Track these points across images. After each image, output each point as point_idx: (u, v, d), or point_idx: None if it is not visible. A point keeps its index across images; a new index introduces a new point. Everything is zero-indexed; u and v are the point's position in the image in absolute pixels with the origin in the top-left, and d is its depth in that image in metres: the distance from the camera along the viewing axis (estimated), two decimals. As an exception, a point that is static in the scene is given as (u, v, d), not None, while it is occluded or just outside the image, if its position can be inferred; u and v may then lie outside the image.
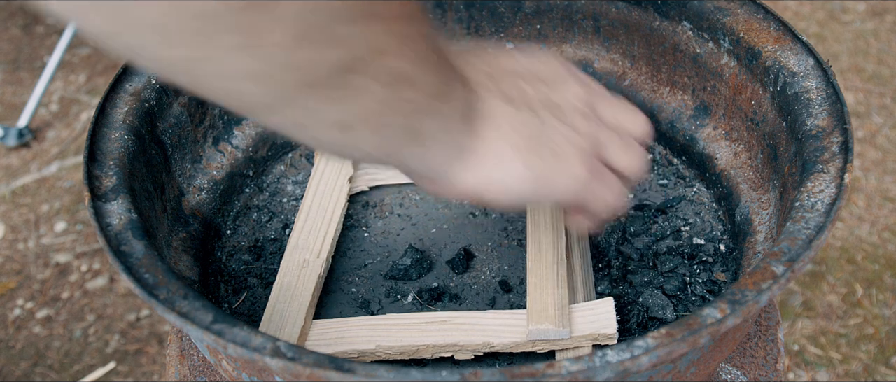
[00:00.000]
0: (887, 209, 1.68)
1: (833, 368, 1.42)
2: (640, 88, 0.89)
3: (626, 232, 0.79)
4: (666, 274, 0.75)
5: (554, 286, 0.67)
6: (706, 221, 0.81)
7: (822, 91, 0.70)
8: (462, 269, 0.76)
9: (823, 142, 0.65)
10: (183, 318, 0.53)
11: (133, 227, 0.61)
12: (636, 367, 0.50)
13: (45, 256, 1.67)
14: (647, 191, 0.84)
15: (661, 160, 0.88)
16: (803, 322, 1.48)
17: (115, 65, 2.15)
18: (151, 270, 0.58)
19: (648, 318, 0.71)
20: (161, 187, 0.75)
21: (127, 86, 0.74)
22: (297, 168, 0.89)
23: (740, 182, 0.80)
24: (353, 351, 0.66)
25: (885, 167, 1.78)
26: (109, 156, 0.68)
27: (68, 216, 1.76)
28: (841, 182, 0.61)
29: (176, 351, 0.75)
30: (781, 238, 0.58)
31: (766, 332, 0.73)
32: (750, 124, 0.79)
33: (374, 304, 0.74)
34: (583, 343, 0.65)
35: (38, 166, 1.89)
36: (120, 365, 1.47)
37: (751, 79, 0.78)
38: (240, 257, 0.80)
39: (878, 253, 1.60)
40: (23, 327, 1.54)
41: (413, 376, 0.48)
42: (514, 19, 0.93)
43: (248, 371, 0.59)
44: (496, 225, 0.81)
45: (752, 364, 0.70)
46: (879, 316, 1.49)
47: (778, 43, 0.75)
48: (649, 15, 0.86)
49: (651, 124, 0.66)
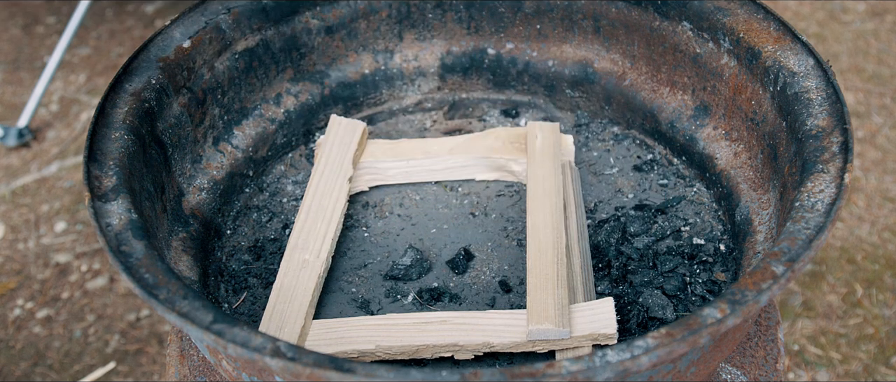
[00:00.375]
0: (887, 209, 1.68)
1: (833, 368, 1.42)
2: (640, 88, 0.89)
3: (626, 232, 0.79)
4: (666, 274, 0.75)
5: (554, 286, 0.67)
6: (706, 221, 0.81)
7: (822, 91, 0.70)
8: (462, 269, 0.76)
9: (823, 142, 0.65)
10: (183, 318, 0.53)
11: (133, 227, 0.61)
12: (636, 367, 0.50)
13: (45, 256, 1.67)
14: (647, 191, 0.84)
15: (661, 160, 0.88)
16: (803, 322, 1.48)
17: (115, 65, 2.15)
18: (151, 270, 0.58)
19: (648, 318, 0.71)
20: (161, 187, 0.75)
21: (127, 87, 0.74)
22: (297, 168, 0.89)
23: (740, 182, 0.80)
24: (353, 351, 0.66)
25: (885, 167, 1.78)
26: (109, 156, 0.67)
27: (68, 216, 1.76)
28: (841, 182, 0.61)
29: (176, 351, 0.75)
30: (781, 238, 0.58)
31: (766, 332, 0.73)
32: (750, 124, 0.79)
33: (374, 304, 0.74)
34: (583, 343, 0.65)
35: (38, 166, 1.89)
36: (120, 365, 1.47)
37: (751, 79, 0.78)
38: (240, 257, 0.80)
39: (878, 253, 1.60)
40: (23, 327, 1.54)
41: (413, 376, 0.48)
42: (514, 19, 0.93)
43: (248, 371, 0.59)
44: (496, 225, 0.81)
45: (752, 364, 0.70)
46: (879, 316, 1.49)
47: (778, 43, 0.75)
48: (649, 15, 0.86)
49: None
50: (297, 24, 0.89)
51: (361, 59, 0.94)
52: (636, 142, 0.90)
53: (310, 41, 0.91)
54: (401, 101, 0.96)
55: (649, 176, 0.86)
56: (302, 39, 0.90)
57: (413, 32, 0.95)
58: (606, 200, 0.83)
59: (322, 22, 0.91)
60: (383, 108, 0.96)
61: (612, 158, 0.88)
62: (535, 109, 0.96)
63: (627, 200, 0.83)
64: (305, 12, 0.90)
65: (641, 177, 0.86)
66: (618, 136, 0.91)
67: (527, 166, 0.82)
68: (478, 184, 0.86)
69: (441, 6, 0.94)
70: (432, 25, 0.95)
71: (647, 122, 0.89)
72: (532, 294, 0.67)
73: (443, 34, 0.95)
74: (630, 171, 0.87)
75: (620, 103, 0.91)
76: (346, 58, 0.94)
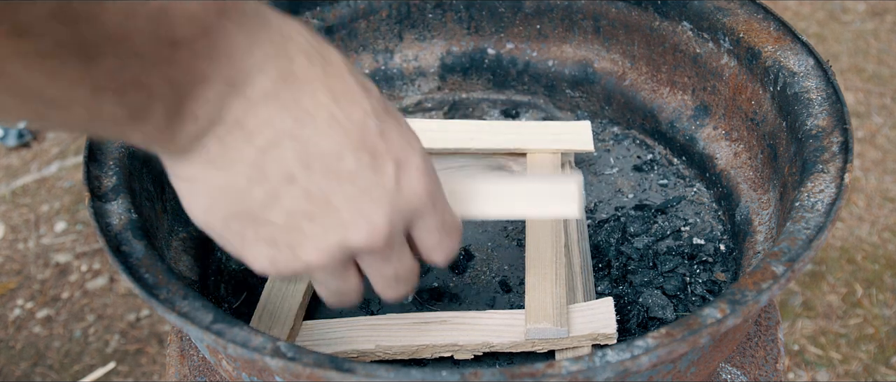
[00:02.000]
0: (887, 209, 1.68)
1: (833, 368, 1.42)
2: (640, 88, 0.89)
3: (626, 232, 0.79)
4: (666, 274, 0.75)
5: (552, 285, 0.67)
6: (706, 221, 0.81)
7: (822, 91, 0.70)
8: (461, 269, 0.76)
9: (823, 142, 0.65)
10: (183, 318, 0.53)
11: (133, 227, 0.61)
12: (636, 367, 0.50)
13: (45, 256, 1.67)
14: (647, 191, 0.84)
15: (661, 160, 0.88)
16: (803, 322, 1.48)
17: (115, 65, 2.15)
18: (151, 270, 0.57)
19: (648, 318, 0.71)
20: (161, 187, 0.75)
21: (127, 86, 0.74)
22: (297, 168, 0.89)
23: (740, 182, 0.79)
24: (353, 351, 0.66)
25: (885, 167, 1.78)
26: (109, 156, 0.68)
27: (68, 216, 1.76)
28: (841, 182, 0.61)
29: (176, 351, 0.75)
30: (781, 238, 0.58)
31: (766, 332, 0.73)
32: (750, 124, 0.79)
33: (374, 304, 0.74)
34: (582, 343, 0.65)
35: (38, 166, 1.89)
36: (120, 365, 1.47)
37: (751, 79, 0.78)
38: (240, 257, 0.80)
39: (878, 253, 1.60)
40: (23, 327, 1.54)
41: (413, 376, 0.48)
42: (514, 19, 0.93)
43: (247, 371, 0.59)
44: (496, 225, 0.81)
45: (752, 364, 0.70)
46: (879, 316, 1.49)
47: (778, 43, 0.75)
48: (649, 15, 0.86)
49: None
50: (297, 24, 0.89)
51: (361, 59, 0.94)
52: (636, 142, 0.90)
53: (310, 41, 0.91)
54: (401, 101, 0.96)
55: (649, 176, 0.86)
56: (302, 39, 0.90)
57: (413, 32, 0.95)
58: (606, 200, 0.83)
59: (322, 22, 0.91)
60: (383, 108, 0.96)
61: (611, 158, 0.89)
62: (535, 109, 0.96)
63: (627, 200, 0.83)
64: (305, 12, 0.90)
65: (641, 177, 0.86)
66: (618, 136, 0.91)
67: (527, 166, 0.82)
68: (478, 183, 0.86)
69: (441, 6, 0.94)
70: (432, 25, 0.95)
71: (647, 122, 0.89)
72: (530, 293, 0.67)
73: (443, 34, 0.95)
74: (630, 171, 0.87)
75: (620, 103, 0.91)
76: (346, 58, 0.94)
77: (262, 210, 0.46)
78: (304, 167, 0.45)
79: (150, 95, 0.40)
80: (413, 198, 0.49)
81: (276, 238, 0.47)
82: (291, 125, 0.44)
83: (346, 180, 0.46)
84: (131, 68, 0.38)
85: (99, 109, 0.39)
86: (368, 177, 0.47)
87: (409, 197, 0.49)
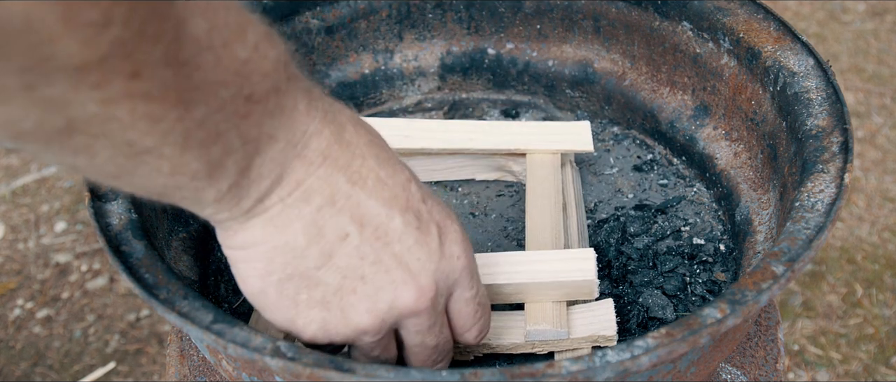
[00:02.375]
0: (887, 209, 1.68)
1: (833, 368, 1.42)
2: (640, 88, 0.89)
3: (626, 232, 0.79)
4: (666, 274, 0.75)
5: (554, 286, 0.67)
6: (706, 221, 0.81)
7: (822, 91, 0.70)
8: (462, 269, 0.76)
9: (823, 142, 0.65)
10: (183, 318, 0.53)
11: (133, 227, 0.61)
12: (636, 367, 0.50)
13: (45, 256, 1.67)
14: (647, 191, 0.84)
15: (661, 160, 0.88)
16: (803, 322, 1.48)
17: (115, 65, 2.15)
18: (151, 270, 0.57)
19: (648, 318, 0.71)
20: (161, 187, 0.75)
21: (127, 86, 0.74)
22: (297, 168, 0.89)
23: (740, 182, 0.79)
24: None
25: (885, 167, 1.78)
26: (109, 156, 0.67)
27: (68, 216, 1.76)
28: (841, 182, 0.61)
29: (176, 351, 0.75)
30: (781, 238, 0.58)
31: (766, 332, 0.73)
32: (750, 124, 0.79)
33: (374, 304, 0.74)
34: (582, 344, 0.65)
35: (38, 166, 1.89)
36: (120, 365, 1.47)
37: (751, 79, 0.78)
38: (240, 257, 0.80)
39: (878, 253, 1.60)
40: (23, 327, 1.54)
41: (413, 376, 0.48)
42: (514, 19, 0.93)
43: (248, 371, 0.59)
44: (496, 225, 0.81)
45: (752, 364, 0.70)
46: (879, 316, 1.49)
47: (778, 43, 0.75)
48: (649, 15, 0.86)
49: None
50: (296, 23, 0.89)
51: (361, 59, 0.94)
52: (636, 142, 0.90)
53: (310, 41, 0.91)
54: (401, 101, 0.96)
55: (649, 176, 0.86)
56: (302, 39, 0.90)
57: (413, 32, 0.95)
58: (606, 200, 0.83)
59: (322, 22, 0.91)
60: (383, 108, 0.96)
61: (611, 158, 0.89)
62: (535, 109, 0.96)
63: (627, 200, 0.83)
64: (305, 12, 0.90)
65: (641, 177, 0.86)
66: (618, 136, 0.91)
67: (527, 166, 0.82)
68: (478, 184, 0.86)
69: (441, 6, 0.94)
70: (432, 25, 0.95)
71: (647, 122, 0.89)
72: (532, 294, 0.67)
73: (443, 34, 0.95)
74: (630, 171, 0.87)
75: (620, 103, 0.91)
76: (346, 58, 0.94)
77: (317, 270, 0.48)
78: (358, 225, 0.47)
79: (226, 150, 0.41)
80: (456, 264, 0.51)
81: (329, 300, 0.49)
82: (345, 185, 0.46)
83: (394, 240, 0.48)
84: (215, 120, 0.39)
85: (184, 163, 0.40)
86: (415, 237, 0.49)
87: (452, 263, 0.51)
